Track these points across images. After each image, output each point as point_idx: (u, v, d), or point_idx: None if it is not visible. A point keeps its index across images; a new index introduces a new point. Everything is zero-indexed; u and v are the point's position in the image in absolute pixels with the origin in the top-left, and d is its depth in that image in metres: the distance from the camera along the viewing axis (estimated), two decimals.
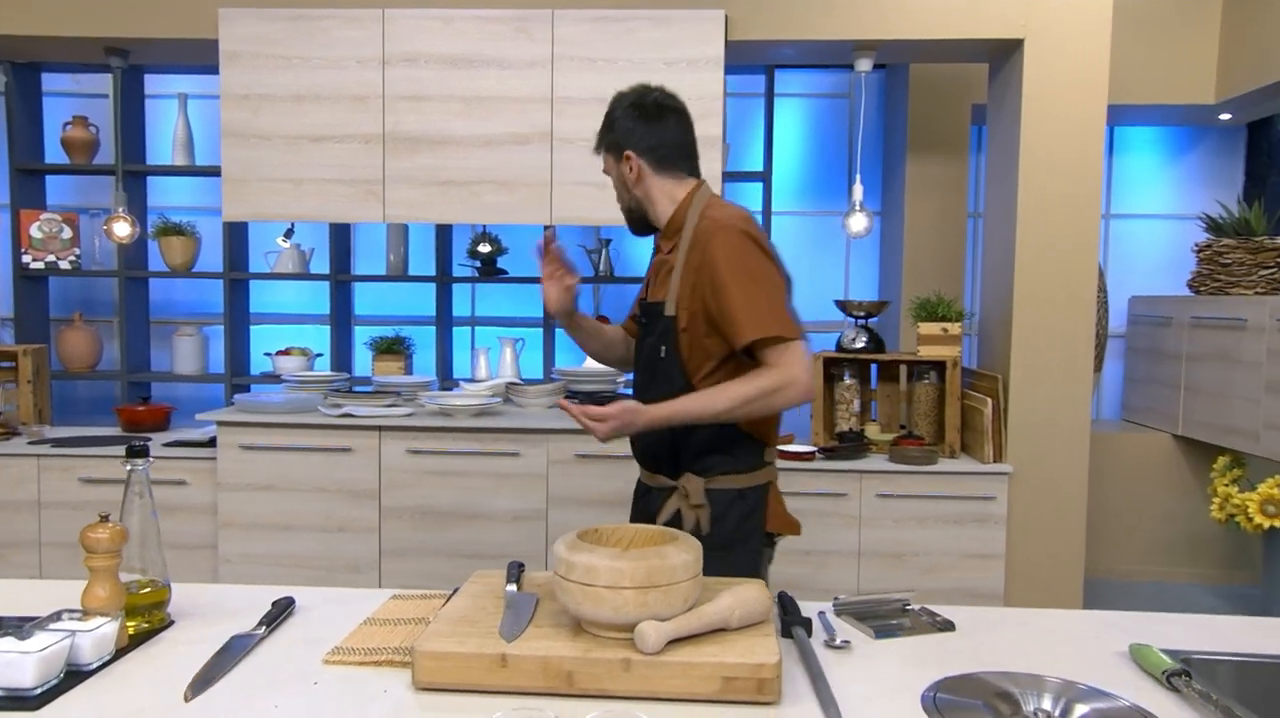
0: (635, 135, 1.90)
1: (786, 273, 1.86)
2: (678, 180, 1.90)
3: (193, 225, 4.40)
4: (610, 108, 1.97)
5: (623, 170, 1.92)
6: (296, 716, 1.16)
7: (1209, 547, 4.41)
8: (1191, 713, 1.19)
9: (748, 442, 1.86)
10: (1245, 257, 4.03)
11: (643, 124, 1.90)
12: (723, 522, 1.83)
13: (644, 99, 1.92)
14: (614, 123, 1.94)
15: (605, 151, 1.97)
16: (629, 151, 1.90)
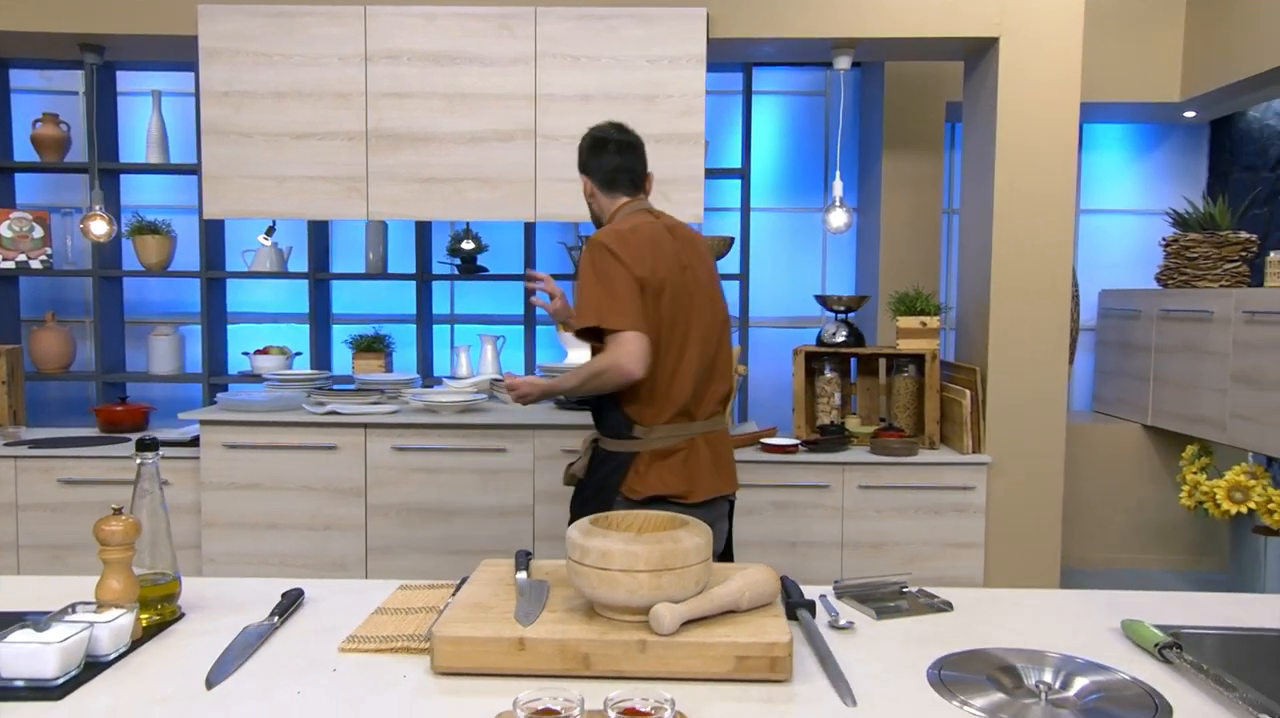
0: (589, 163, 2.38)
1: (643, 277, 2.13)
2: (614, 198, 2.36)
3: (168, 224, 4.36)
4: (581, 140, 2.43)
5: (584, 189, 2.43)
6: (319, 701, 1.17)
7: (1178, 534, 4.52)
8: (1184, 683, 1.24)
9: (617, 417, 2.23)
10: (1211, 250, 4.14)
11: (592, 154, 2.38)
12: (593, 472, 2.29)
13: (596, 133, 2.39)
14: (580, 152, 2.42)
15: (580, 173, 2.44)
16: (583, 176, 2.40)
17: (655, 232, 2.23)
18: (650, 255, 2.16)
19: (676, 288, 2.19)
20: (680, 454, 2.21)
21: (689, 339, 2.21)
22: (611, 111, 3.42)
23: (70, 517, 3.50)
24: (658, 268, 2.16)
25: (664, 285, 2.16)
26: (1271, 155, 4.58)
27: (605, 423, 2.26)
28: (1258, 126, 4.67)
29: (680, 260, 2.23)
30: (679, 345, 2.20)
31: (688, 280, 2.23)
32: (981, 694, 1.20)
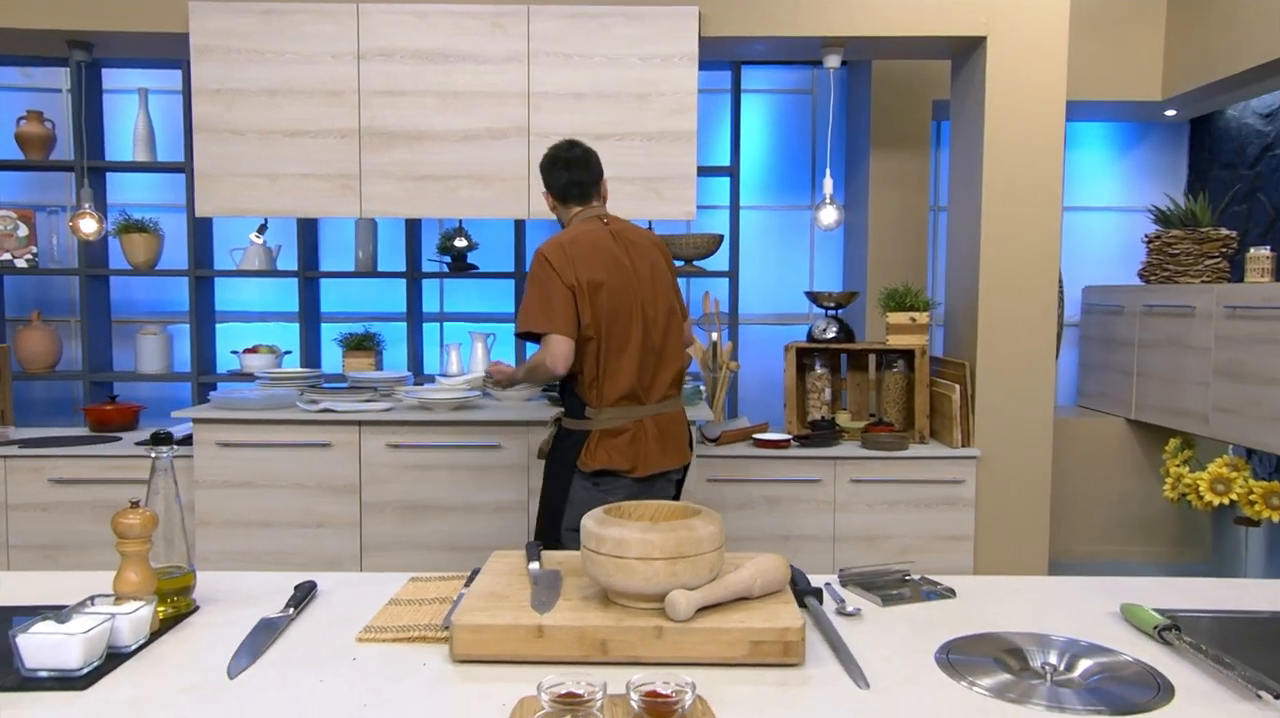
0: (546, 180, 2.68)
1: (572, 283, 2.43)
2: (568, 209, 2.67)
3: (155, 222, 4.34)
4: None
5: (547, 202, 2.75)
6: (341, 689, 1.19)
7: (1161, 527, 4.59)
8: (1183, 663, 1.28)
9: (574, 400, 2.56)
10: (1192, 247, 4.20)
11: (547, 172, 2.67)
12: (555, 447, 2.60)
13: (549, 152, 2.67)
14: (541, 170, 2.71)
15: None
16: (544, 190, 2.72)
17: (596, 238, 2.53)
18: (585, 261, 2.46)
19: (615, 286, 2.48)
20: (628, 434, 2.50)
21: (631, 330, 2.50)
22: (604, 109, 3.45)
23: (61, 517, 3.49)
24: (593, 272, 2.46)
25: (600, 285, 2.46)
26: (1250, 154, 4.65)
27: (565, 405, 2.60)
28: (1236, 125, 4.75)
29: (620, 261, 2.52)
30: (621, 336, 2.49)
31: (628, 278, 2.52)
32: (989, 676, 1.24)
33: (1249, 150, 4.66)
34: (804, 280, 4.86)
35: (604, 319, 2.46)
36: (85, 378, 4.29)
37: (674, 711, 1.08)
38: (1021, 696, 1.18)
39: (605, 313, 2.46)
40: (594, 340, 2.46)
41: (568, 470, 2.52)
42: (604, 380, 2.48)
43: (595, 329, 2.45)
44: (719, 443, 3.52)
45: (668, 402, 2.59)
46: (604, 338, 2.46)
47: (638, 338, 2.50)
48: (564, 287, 2.43)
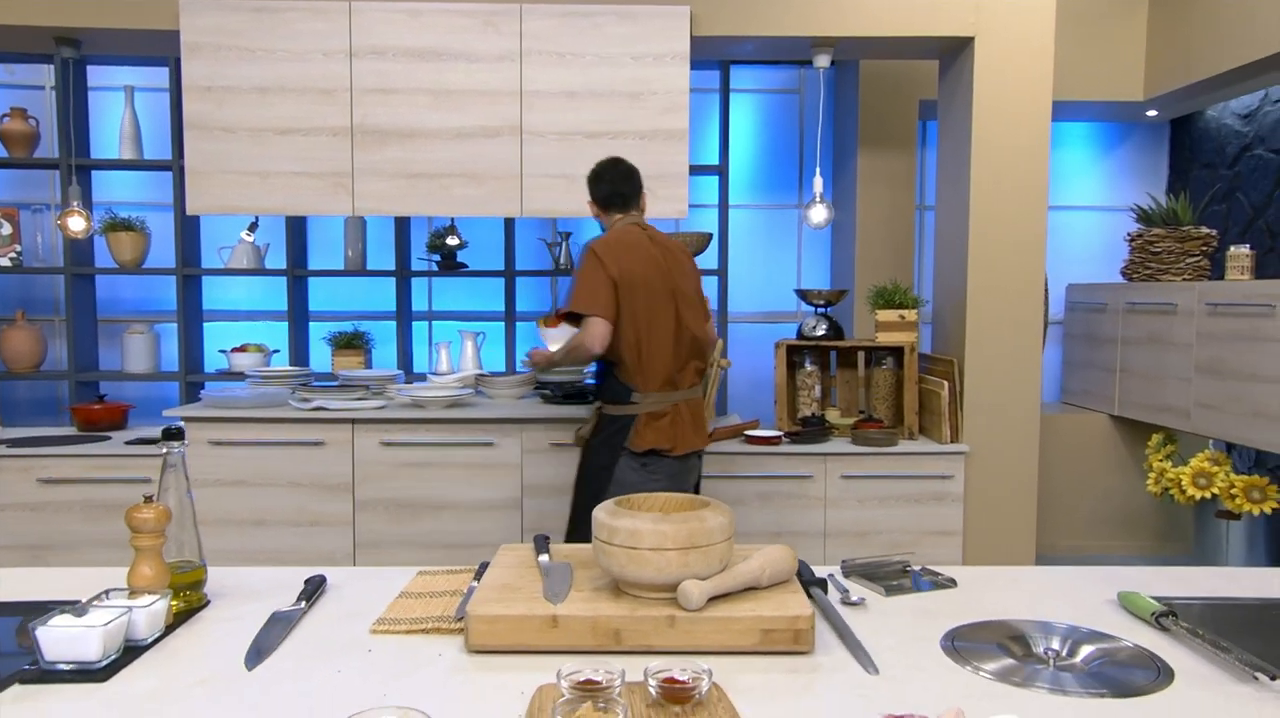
0: (591, 190, 2.94)
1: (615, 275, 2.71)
2: (610, 216, 2.94)
3: (142, 221, 4.32)
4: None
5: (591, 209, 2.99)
6: (359, 679, 1.20)
7: (1143, 521, 4.65)
8: (1181, 648, 1.31)
9: (619, 386, 2.81)
10: (1174, 245, 4.27)
11: (592, 184, 2.94)
12: (599, 433, 2.83)
13: (596, 168, 2.94)
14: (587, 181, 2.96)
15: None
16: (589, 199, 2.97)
17: (637, 239, 2.82)
18: (628, 258, 2.75)
19: (651, 284, 2.77)
20: (668, 417, 2.81)
21: (667, 323, 2.79)
22: (597, 108, 3.46)
23: (50, 516, 3.47)
24: (633, 268, 2.75)
25: (639, 281, 2.75)
26: (1229, 154, 4.73)
27: (608, 392, 2.84)
28: (1215, 126, 4.82)
29: (657, 262, 2.80)
30: (659, 328, 2.78)
31: (664, 277, 2.81)
32: (994, 661, 1.27)
33: (1228, 150, 4.73)
34: (791, 278, 4.89)
35: (643, 312, 2.75)
36: (71, 377, 4.27)
37: (691, 696, 1.10)
38: (1025, 679, 1.21)
39: (644, 306, 2.75)
40: (635, 331, 2.75)
41: (614, 454, 2.79)
42: (647, 368, 2.77)
43: (635, 321, 2.74)
44: (711, 440, 3.55)
45: (693, 389, 2.92)
46: (644, 329, 2.75)
47: (672, 330, 2.80)
48: (608, 277, 2.71)
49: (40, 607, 1.34)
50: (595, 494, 2.72)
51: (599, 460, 2.81)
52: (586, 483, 2.83)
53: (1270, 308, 3.47)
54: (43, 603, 1.40)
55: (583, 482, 2.86)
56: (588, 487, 2.82)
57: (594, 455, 2.84)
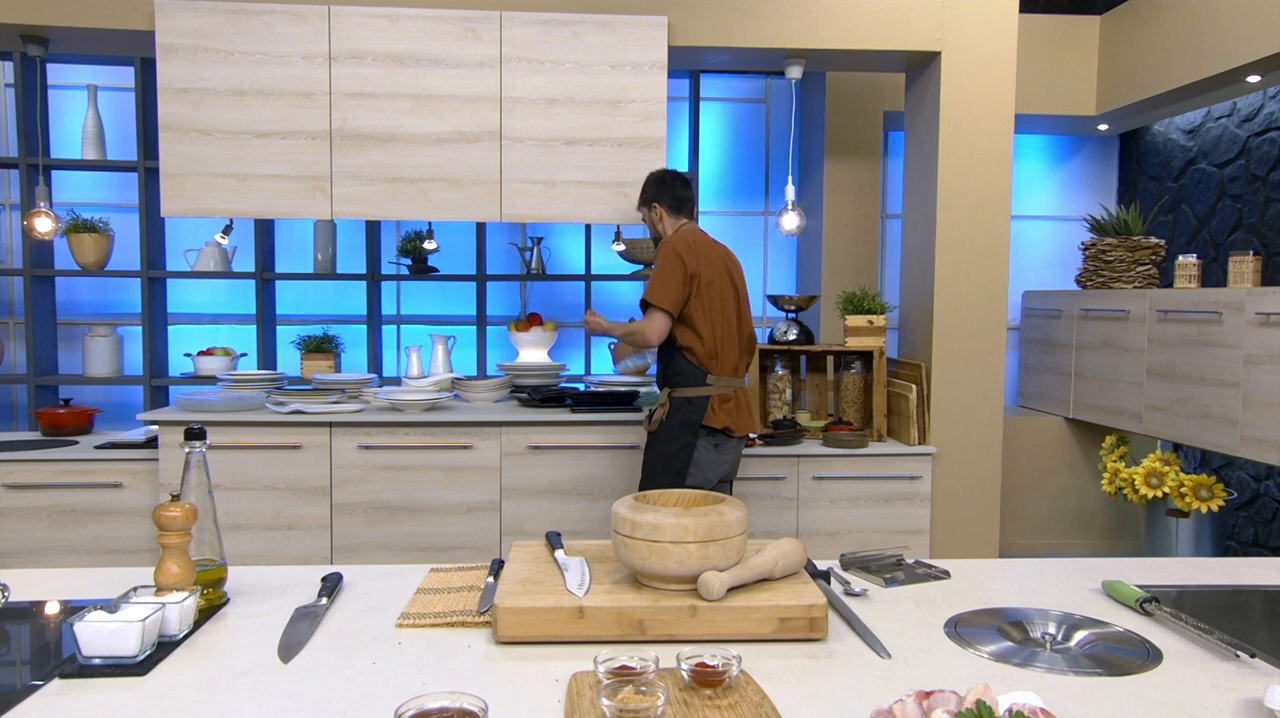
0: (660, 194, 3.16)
1: (694, 272, 2.96)
2: (677, 219, 3.16)
3: (105, 222, 4.26)
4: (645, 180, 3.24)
5: (652, 215, 3.19)
6: (396, 669, 1.24)
7: (1096, 519, 4.82)
8: (1165, 631, 1.40)
9: (694, 370, 3.03)
10: (1125, 254, 4.44)
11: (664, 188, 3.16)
12: (674, 415, 3.03)
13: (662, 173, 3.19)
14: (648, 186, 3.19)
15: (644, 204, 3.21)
16: (653, 204, 3.17)
17: (709, 243, 3.09)
18: (705, 259, 3.01)
19: (722, 281, 3.04)
20: (733, 401, 3.07)
21: (731, 318, 3.07)
22: (575, 115, 3.51)
23: (16, 522, 3.41)
24: (709, 266, 3.01)
25: (711, 280, 3.00)
26: (1174, 167, 4.93)
27: (681, 377, 3.04)
28: (1162, 140, 5.03)
29: (723, 263, 3.08)
30: (726, 322, 3.05)
31: (729, 277, 3.08)
32: (994, 644, 1.34)
33: (1174, 164, 4.94)
34: (757, 284, 4.98)
35: (717, 305, 3.01)
36: (30, 381, 4.19)
37: (721, 681, 1.16)
38: (1026, 661, 1.29)
39: (718, 300, 3.02)
40: (711, 322, 3.00)
41: (693, 433, 3.01)
42: (720, 355, 3.03)
43: (711, 313, 3.00)
44: None
45: (743, 378, 3.18)
46: (719, 320, 3.02)
47: (735, 325, 3.08)
48: (686, 274, 2.95)
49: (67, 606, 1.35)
50: (678, 473, 2.98)
51: (678, 441, 3.00)
52: (665, 465, 3.00)
53: (1218, 315, 3.63)
54: (70, 602, 1.41)
55: (659, 464, 3.02)
56: (666, 468, 2.99)
57: (670, 437, 3.01)
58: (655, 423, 3.06)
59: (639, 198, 3.22)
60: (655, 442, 3.06)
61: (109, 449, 3.51)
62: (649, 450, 3.09)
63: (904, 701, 0.99)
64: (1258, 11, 3.67)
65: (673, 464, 3.00)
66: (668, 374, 3.08)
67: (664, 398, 3.06)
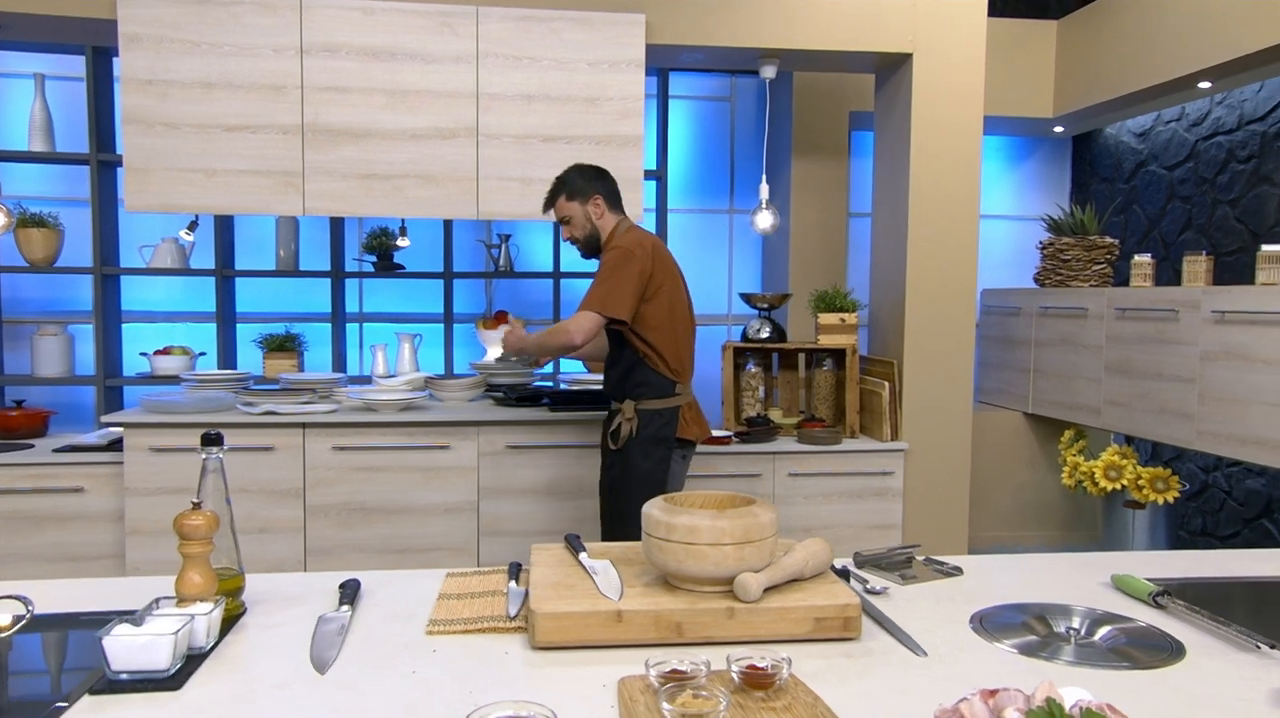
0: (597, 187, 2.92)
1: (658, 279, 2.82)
2: (616, 215, 2.97)
3: (55, 216, 4.11)
4: (563, 176, 2.96)
5: (588, 213, 2.93)
6: (439, 677, 1.22)
7: (1054, 511, 4.95)
8: (1181, 624, 1.44)
9: (660, 379, 2.88)
10: (1082, 253, 4.56)
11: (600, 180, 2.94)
12: (645, 429, 2.87)
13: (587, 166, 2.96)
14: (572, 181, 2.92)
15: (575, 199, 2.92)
16: (590, 199, 2.91)
17: (660, 244, 2.94)
18: (658, 256, 2.87)
19: (673, 286, 2.90)
20: (696, 408, 3.03)
21: (689, 324, 2.98)
22: (553, 112, 3.49)
23: None
24: (664, 265, 2.87)
25: (673, 285, 2.89)
26: (1126, 169, 5.08)
27: (649, 387, 2.88)
28: (1113, 143, 5.17)
29: (676, 268, 2.96)
30: (685, 328, 2.94)
31: (681, 281, 2.97)
32: (1022, 640, 1.37)
33: (1125, 166, 5.08)
34: (723, 282, 5.00)
35: (678, 308, 2.89)
36: None
37: (772, 682, 1.16)
38: (1054, 655, 1.31)
39: (678, 302, 2.90)
40: (673, 326, 2.87)
41: (666, 447, 2.89)
42: (684, 361, 2.93)
43: (672, 315, 2.87)
44: None
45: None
46: (680, 324, 2.90)
47: (689, 330, 2.98)
48: (639, 274, 2.77)
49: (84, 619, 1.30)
50: (655, 489, 2.75)
51: (653, 457, 2.85)
52: (640, 482, 2.81)
53: (1174, 313, 3.75)
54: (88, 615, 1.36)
55: (633, 481, 2.82)
56: (643, 485, 2.79)
57: (643, 453, 2.85)
58: (623, 439, 2.86)
59: (562, 192, 2.90)
60: (625, 458, 2.86)
61: (68, 453, 3.39)
62: (616, 468, 2.89)
63: (969, 699, 1.00)
64: (1211, 20, 3.79)
65: (650, 480, 2.83)
66: (630, 386, 2.87)
67: (630, 412, 2.86)
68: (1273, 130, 4.12)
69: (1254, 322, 3.37)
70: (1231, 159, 4.35)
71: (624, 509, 2.83)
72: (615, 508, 2.89)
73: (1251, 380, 3.38)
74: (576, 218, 2.92)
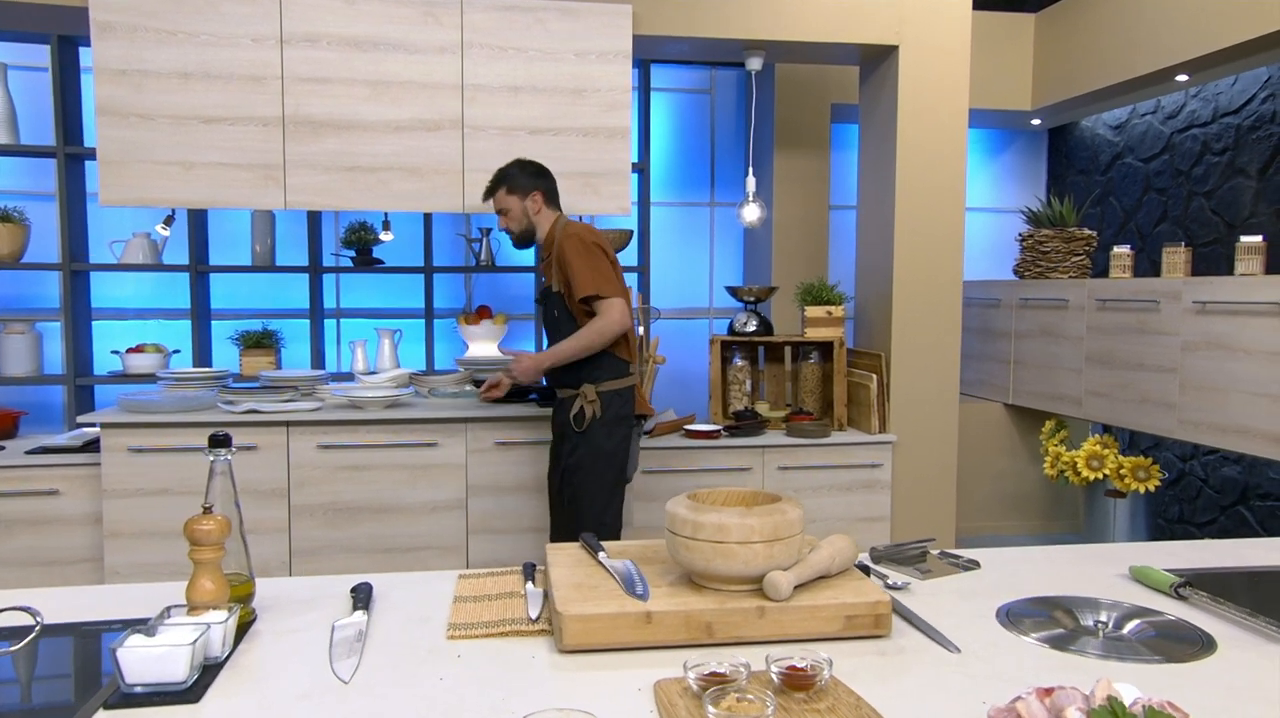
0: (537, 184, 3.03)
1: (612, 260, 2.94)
2: (553, 211, 3.07)
3: (20, 211, 3.99)
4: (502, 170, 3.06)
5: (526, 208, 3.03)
6: (469, 684, 1.18)
7: (1035, 501, 4.99)
8: (1207, 617, 1.43)
9: (615, 362, 2.96)
10: (1061, 245, 4.60)
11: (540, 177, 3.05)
12: (608, 409, 2.93)
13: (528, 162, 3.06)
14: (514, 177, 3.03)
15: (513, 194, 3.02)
16: (529, 193, 3.02)
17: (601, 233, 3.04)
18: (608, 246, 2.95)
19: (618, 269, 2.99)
20: (638, 384, 3.06)
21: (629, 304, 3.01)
22: (539, 104, 3.44)
23: None
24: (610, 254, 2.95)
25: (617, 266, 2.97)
26: (1102, 161, 5.13)
27: (605, 368, 2.94)
28: (1089, 135, 5.22)
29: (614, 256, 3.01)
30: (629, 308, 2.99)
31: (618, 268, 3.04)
32: (1053, 634, 1.35)
33: (1101, 158, 5.13)
34: (704, 275, 4.98)
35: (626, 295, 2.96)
36: None
37: (813, 683, 1.13)
38: (1084, 649, 1.30)
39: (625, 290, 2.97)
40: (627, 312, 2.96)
41: (626, 425, 2.97)
42: (632, 343, 3.02)
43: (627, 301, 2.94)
44: (652, 435, 3.59)
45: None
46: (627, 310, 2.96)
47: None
48: (605, 255, 2.90)
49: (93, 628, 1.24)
50: (620, 467, 2.94)
51: (615, 436, 2.93)
52: (607, 462, 2.91)
53: (1155, 304, 3.79)
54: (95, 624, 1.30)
55: (600, 462, 2.90)
56: (610, 464, 2.91)
57: (606, 434, 2.93)
58: (587, 422, 2.91)
59: (503, 185, 3.02)
60: (589, 440, 2.92)
61: (42, 454, 3.29)
62: (580, 451, 2.92)
63: (1025, 699, 0.98)
64: (1187, 13, 3.82)
65: (615, 460, 2.93)
66: (590, 369, 2.93)
67: (591, 394, 2.91)
68: (1247, 123, 4.17)
69: (1235, 312, 3.41)
70: (1207, 151, 4.40)
71: (586, 492, 2.92)
72: (576, 492, 2.93)
73: (1232, 370, 3.42)
74: (514, 211, 3.02)
